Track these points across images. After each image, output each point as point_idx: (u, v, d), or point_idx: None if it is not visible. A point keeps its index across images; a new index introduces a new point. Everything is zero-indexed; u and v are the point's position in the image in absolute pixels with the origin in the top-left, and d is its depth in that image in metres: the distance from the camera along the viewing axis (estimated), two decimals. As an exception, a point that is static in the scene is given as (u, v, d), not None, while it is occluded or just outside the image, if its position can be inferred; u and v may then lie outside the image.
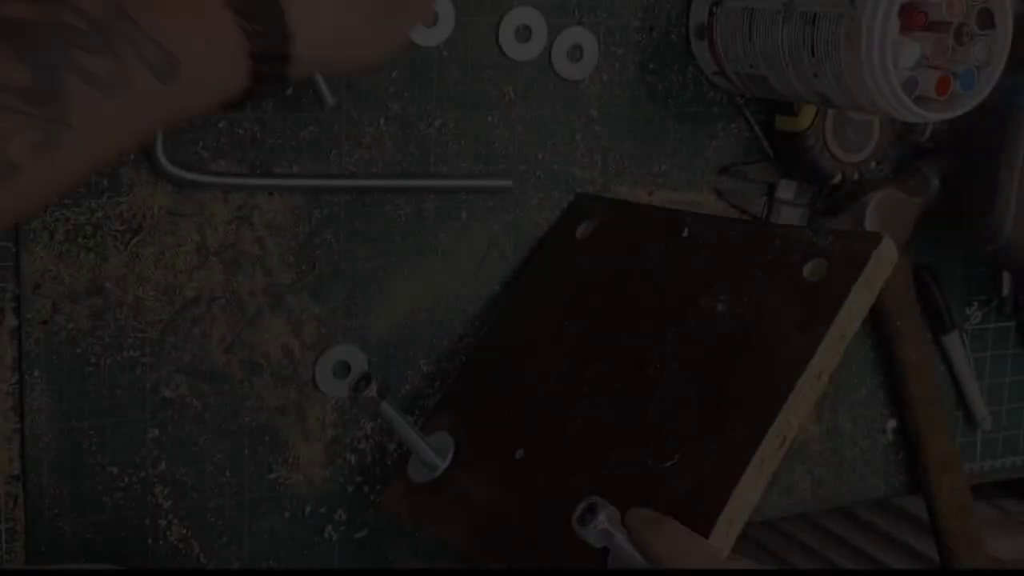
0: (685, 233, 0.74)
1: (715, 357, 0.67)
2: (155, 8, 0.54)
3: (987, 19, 0.74)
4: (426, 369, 0.82)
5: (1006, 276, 1.01)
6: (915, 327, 0.96)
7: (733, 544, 0.61)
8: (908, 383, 0.96)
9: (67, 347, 0.72)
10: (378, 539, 0.83)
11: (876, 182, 0.90)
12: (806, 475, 0.97)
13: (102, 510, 0.75)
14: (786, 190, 0.90)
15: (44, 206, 0.66)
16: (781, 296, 0.66)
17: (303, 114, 0.76)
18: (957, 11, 0.73)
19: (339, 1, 0.61)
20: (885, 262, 0.64)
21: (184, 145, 0.73)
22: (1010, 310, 1.03)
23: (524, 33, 0.80)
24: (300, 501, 0.80)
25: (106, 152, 0.54)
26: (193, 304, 0.75)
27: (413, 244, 0.80)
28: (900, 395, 0.98)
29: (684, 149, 0.87)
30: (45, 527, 0.73)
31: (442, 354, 0.82)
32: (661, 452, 0.65)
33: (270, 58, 0.58)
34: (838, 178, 0.87)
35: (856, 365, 0.97)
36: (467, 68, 0.79)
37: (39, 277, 0.71)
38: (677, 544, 0.58)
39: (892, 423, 1.00)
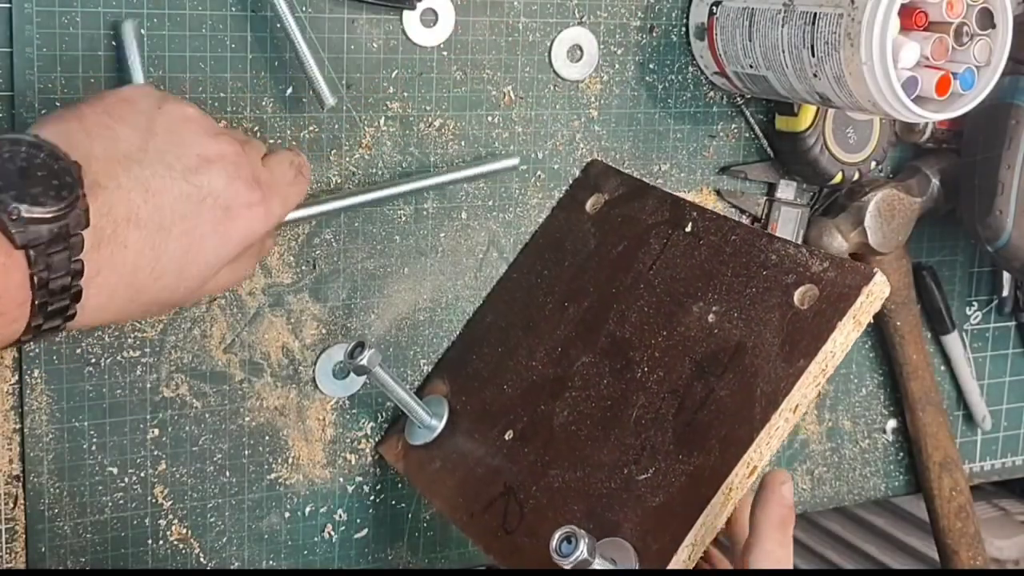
0: (688, 228, 0.73)
1: (700, 372, 0.66)
2: None
3: (987, 19, 0.74)
4: (426, 369, 0.82)
5: (1006, 276, 1.01)
6: (915, 327, 0.96)
7: (694, 564, 0.61)
8: (908, 383, 0.96)
9: (67, 347, 0.72)
10: (378, 539, 0.83)
11: (876, 182, 0.90)
12: (806, 475, 0.97)
13: (102, 510, 0.75)
14: (786, 190, 0.90)
15: None
16: (769, 318, 0.65)
17: (303, 114, 0.76)
18: (957, 11, 0.73)
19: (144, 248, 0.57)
20: (875, 298, 0.63)
21: (184, 145, 0.73)
22: (1010, 310, 1.03)
23: (525, 34, 0.80)
24: (300, 501, 0.80)
25: None
26: (193, 304, 0.75)
27: (413, 244, 0.80)
28: (900, 395, 0.98)
29: (684, 149, 0.87)
30: (45, 527, 0.73)
31: (442, 354, 0.82)
32: (638, 462, 0.65)
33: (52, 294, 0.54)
34: (838, 178, 0.87)
35: (856, 365, 0.97)
36: (467, 68, 0.79)
37: (39, 277, 0.71)
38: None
39: (892, 423, 1.00)
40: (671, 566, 0.60)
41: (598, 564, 0.59)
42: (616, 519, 0.63)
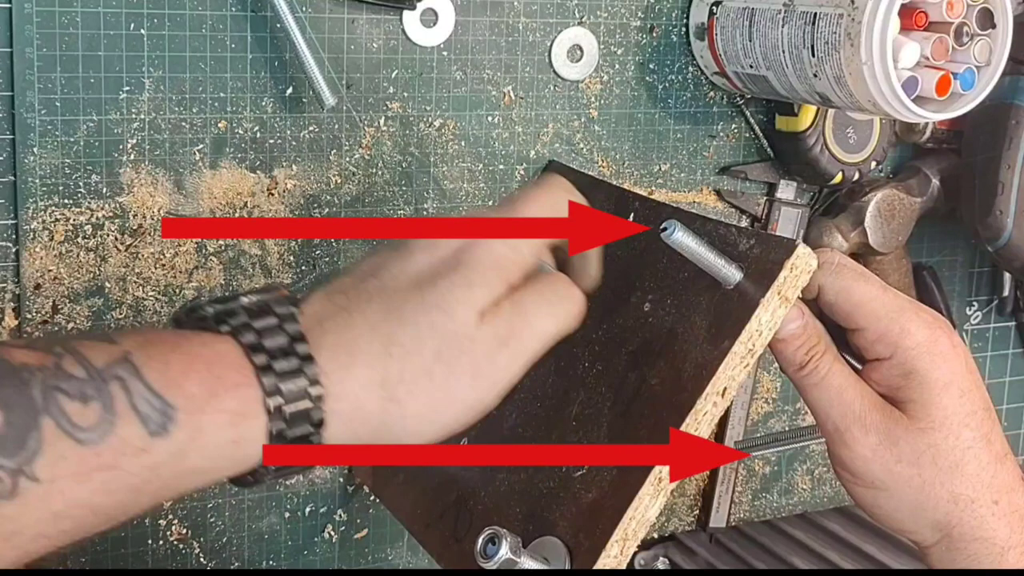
0: (631, 218, 0.71)
1: (634, 363, 0.64)
2: (164, 356, 0.49)
3: (987, 19, 0.74)
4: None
5: (1006, 276, 1.01)
6: (915, 327, 0.96)
7: (628, 559, 0.59)
8: (908, 383, 0.96)
9: (67, 347, 0.72)
10: (378, 539, 0.83)
11: (876, 182, 0.90)
12: (806, 475, 0.97)
13: (102, 510, 0.75)
14: (786, 190, 0.90)
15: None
16: (698, 302, 0.62)
17: (303, 114, 0.76)
18: (957, 11, 0.73)
19: (400, 367, 0.54)
20: (800, 271, 0.59)
21: (184, 146, 0.73)
22: (1010, 310, 1.03)
23: (525, 34, 0.80)
24: (300, 501, 0.80)
25: (77, 509, 0.47)
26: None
27: (413, 244, 0.80)
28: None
29: (684, 149, 0.87)
30: (45, 527, 0.73)
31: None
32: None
33: (295, 424, 0.51)
34: (838, 178, 0.87)
35: (856, 365, 0.97)
36: (467, 68, 0.79)
37: (39, 277, 0.71)
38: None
39: (892, 423, 0.99)
40: (600, 563, 0.58)
41: (526, 564, 0.58)
42: (552, 518, 0.62)
